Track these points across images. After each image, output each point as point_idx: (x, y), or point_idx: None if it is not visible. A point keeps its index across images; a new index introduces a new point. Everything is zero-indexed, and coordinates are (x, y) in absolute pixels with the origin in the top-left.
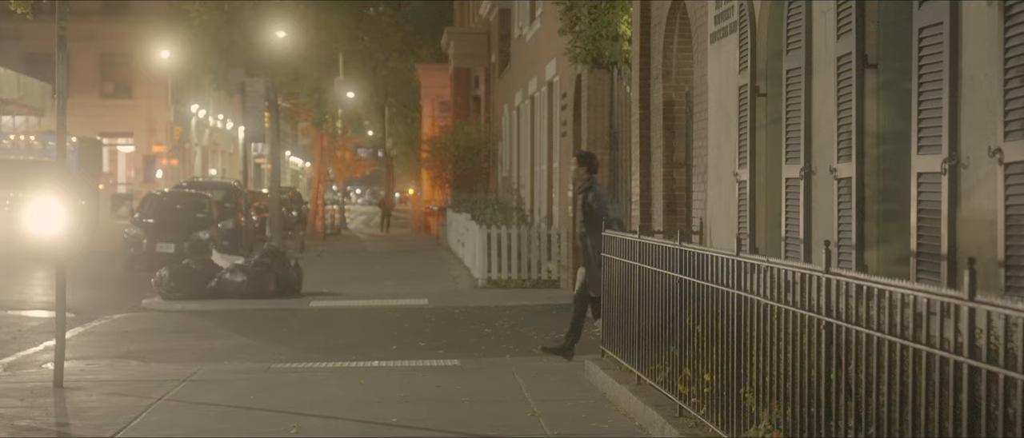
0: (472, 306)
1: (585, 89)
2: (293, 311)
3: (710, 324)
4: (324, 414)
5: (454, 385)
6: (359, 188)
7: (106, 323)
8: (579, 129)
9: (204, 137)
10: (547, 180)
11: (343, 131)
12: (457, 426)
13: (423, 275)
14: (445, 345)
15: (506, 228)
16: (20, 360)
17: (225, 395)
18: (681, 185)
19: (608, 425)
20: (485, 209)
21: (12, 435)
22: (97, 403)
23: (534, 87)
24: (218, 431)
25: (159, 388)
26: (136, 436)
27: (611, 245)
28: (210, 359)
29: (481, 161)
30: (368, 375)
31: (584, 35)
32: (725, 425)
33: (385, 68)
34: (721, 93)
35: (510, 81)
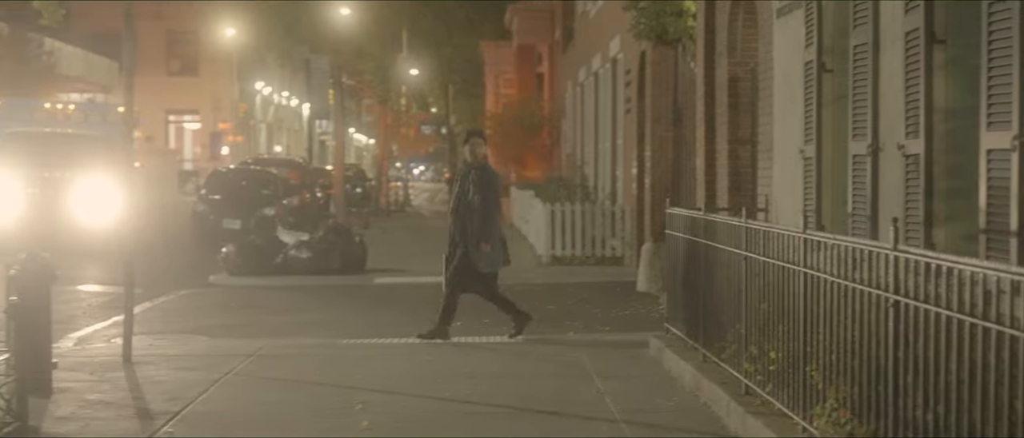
0: (536, 283)
1: (649, 65)
2: (358, 287)
3: (776, 301)
4: (388, 390)
5: (518, 362)
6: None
7: (173, 299)
8: (643, 106)
9: (269, 114)
10: (611, 157)
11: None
12: (521, 403)
13: None
14: (509, 321)
15: (570, 205)
16: (89, 335)
17: (291, 370)
18: (746, 162)
19: (673, 403)
20: (549, 186)
21: (82, 408)
22: (165, 377)
23: (598, 64)
24: (285, 405)
25: (226, 363)
26: (204, 410)
27: (676, 222)
28: (276, 334)
29: (544, 138)
30: (432, 351)
31: (648, 11)
32: (791, 403)
33: (449, 45)
34: (787, 69)
35: (574, 58)
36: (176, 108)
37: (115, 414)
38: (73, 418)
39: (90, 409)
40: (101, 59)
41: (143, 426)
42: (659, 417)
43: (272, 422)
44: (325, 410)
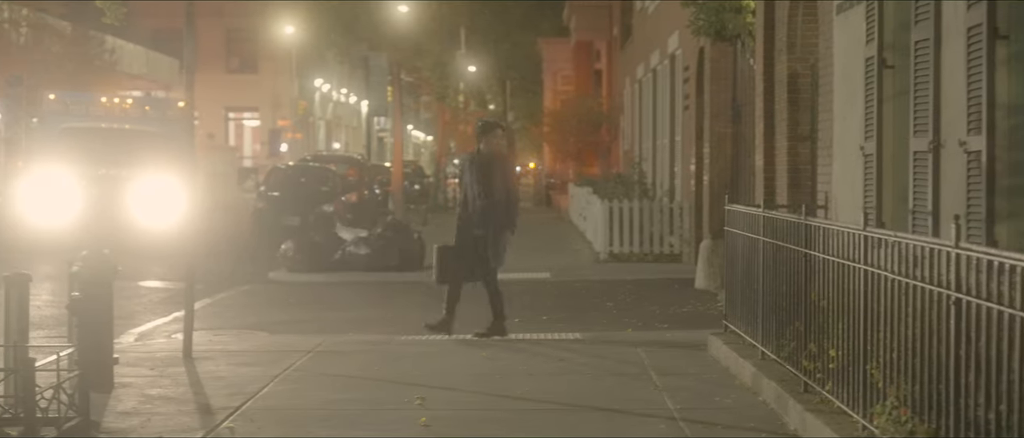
0: (594, 280)
1: (708, 62)
2: (416, 284)
3: (836, 299)
4: (447, 386)
5: (576, 359)
6: None
7: (233, 295)
8: (702, 102)
9: (328, 111)
10: (669, 154)
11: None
12: (579, 400)
13: (544, 249)
14: (567, 319)
15: (628, 202)
16: (150, 330)
17: (350, 366)
18: (805, 159)
19: (731, 400)
20: (607, 183)
21: (143, 404)
22: (225, 373)
23: (656, 60)
24: (344, 401)
25: (285, 359)
26: (263, 406)
27: (735, 219)
28: (335, 330)
29: (602, 134)
30: (491, 348)
31: (707, 7)
32: (851, 401)
33: (506, 42)
34: (847, 65)
35: (632, 54)
36: (236, 105)
37: (176, 409)
38: (134, 413)
39: (151, 404)
40: (162, 57)
41: (203, 421)
42: (718, 415)
43: (331, 417)
44: (384, 406)
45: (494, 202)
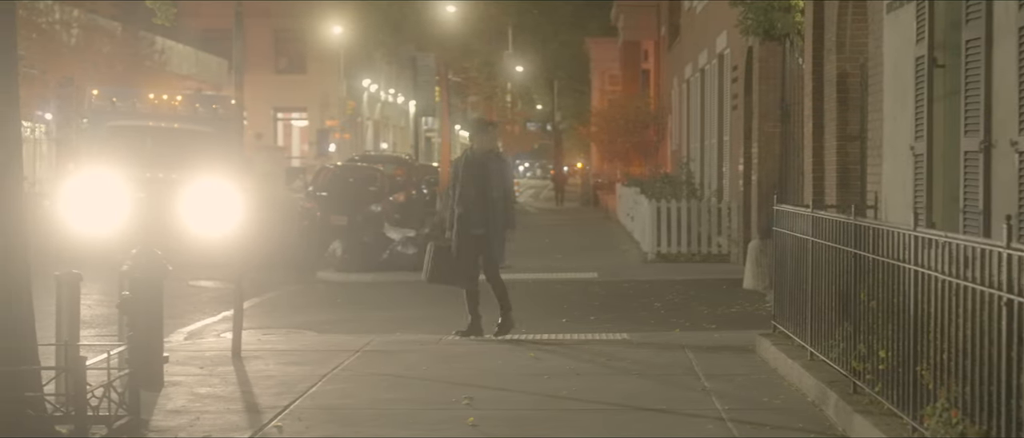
0: (641, 280)
1: (756, 61)
2: None
3: (885, 300)
4: (495, 386)
5: (624, 359)
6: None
7: (281, 294)
8: (750, 102)
9: (376, 111)
10: (717, 153)
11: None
12: (627, 400)
13: (592, 248)
14: (614, 319)
15: (675, 202)
16: (199, 329)
17: (398, 365)
18: (855, 158)
19: (780, 401)
20: (654, 183)
21: (193, 402)
22: (274, 372)
23: (704, 60)
24: (392, 401)
25: (334, 358)
26: (312, 405)
27: (783, 219)
28: (383, 330)
29: (650, 134)
30: (538, 348)
31: (756, 6)
32: (901, 403)
33: (554, 41)
34: (897, 65)
35: (680, 54)
36: (284, 105)
37: (225, 408)
38: (183, 411)
39: (200, 402)
40: (210, 57)
41: (252, 420)
42: (766, 416)
43: (379, 417)
44: (432, 405)
45: (492, 201)
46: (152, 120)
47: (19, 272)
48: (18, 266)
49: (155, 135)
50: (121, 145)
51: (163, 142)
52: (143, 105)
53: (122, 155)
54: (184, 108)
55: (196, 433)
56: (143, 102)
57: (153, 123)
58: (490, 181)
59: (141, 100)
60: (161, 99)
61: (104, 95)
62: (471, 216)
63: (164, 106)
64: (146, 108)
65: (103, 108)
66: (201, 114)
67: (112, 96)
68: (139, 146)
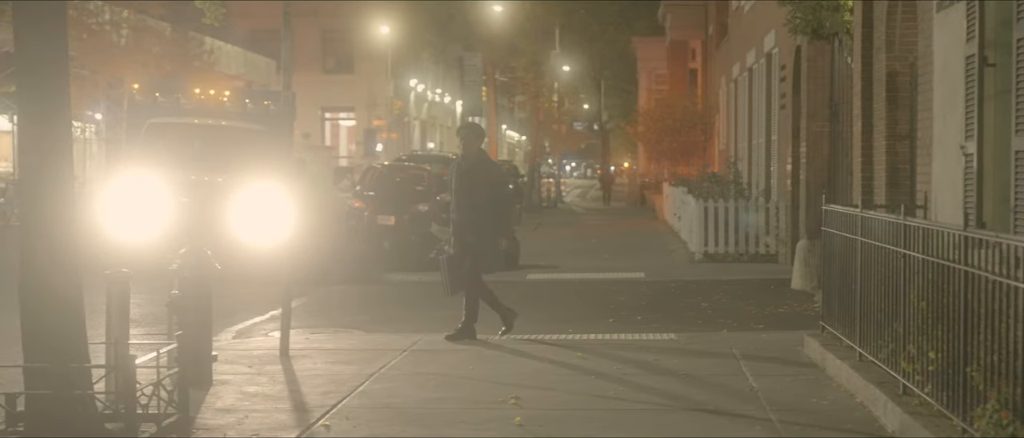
0: (688, 280)
1: (804, 60)
2: (510, 283)
3: (935, 300)
4: (542, 386)
5: (671, 359)
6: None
7: (329, 293)
8: (798, 101)
9: (423, 111)
10: (765, 153)
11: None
12: (674, 400)
13: (639, 248)
14: (661, 319)
15: (723, 201)
16: (247, 328)
17: (445, 365)
18: (904, 158)
19: (828, 402)
20: (702, 182)
21: (241, 400)
22: (321, 371)
23: (752, 59)
24: (439, 400)
25: (381, 357)
26: (359, 404)
27: (832, 219)
28: (430, 329)
29: (697, 134)
30: (585, 348)
31: (804, 6)
32: (951, 404)
33: (601, 41)
34: (947, 63)
35: (727, 53)
36: (331, 105)
37: (272, 406)
38: (232, 410)
39: (248, 401)
40: (259, 57)
41: (300, 419)
42: (814, 416)
43: (426, 416)
44: (478, 404)
45: (477, 207)
46: (198, 117)
47: (69, 271)
48: (68, 265)
49: (200, 133)
50: (163, 144)
51: (209, 141)
52: (188, 101)
53: (164, 155)
54: (233, 104)
55: (244, 431)
56: (188, 97)
57: (199, 120)
58: (476, 187)
59: (186, 95)
60: (208, 94)
61: (146, 90)
62: (462, 223)
63: (211, 102)
64: (191, 104)
65: (144, 104)
66: (251, 111)
67: (155, 91)
68: (183, 145)
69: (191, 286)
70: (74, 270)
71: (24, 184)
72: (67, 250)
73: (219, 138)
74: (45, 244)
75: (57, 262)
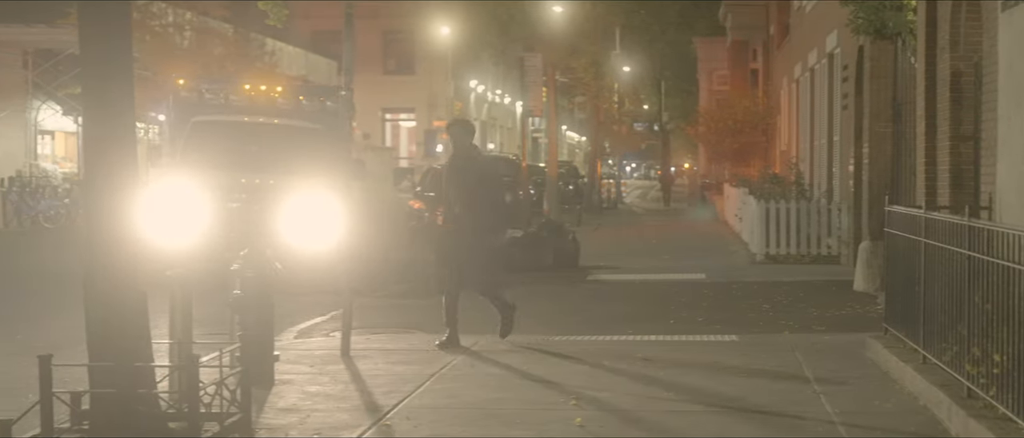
0: (749, 281)
1: (867, 61)
2: (570, 284)
3: (1000, 303)
4: (602, 387)
5: (732, 361)
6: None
7: (390, 294)
8: (861, 102)
9: (483, 112)
10: (827, 154)
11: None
12: (735, 402)
13: (699, 249)
14: (722, 320)
15: (784, 202)
16: (308, 328)
17: (505, 366)
18: (968, 159)
19: (891, 404)
20: (763, 183)
21: (303, 400)
22: (382, 371)
23: (814, 59)
24: (498, 401)
25: (442, 357)
26: (420, 404)
27: (895, 220)
28: (490, 330)
29: (758, 134)
30: (645, 349)
31: (867, 5)
32: (1016, 407)
33: (661, 41)
34: (1012, 63)
35: (789, 53)
36: (392, 106)
37: (334, 406)
38: (294, 410)
39: (310, 401)
40: (320, 59)
41: (361, 419)
42: (877, 419)
43: (487, 416)
44: (539, 406)
45: (472, 207)
46: (247, 114)
47: (133, 271)
48: (132, 265)
49: (250, 132)
50: (209, 144)
51: (260, 140)
52: (238, 97)
53: (209, 156)
54: (286, 101)
55: (306, 431)
56: (238, 93)
57: (249, 118)
58: (468, 186)
59: (236, 91)
60: (259, 90)
61: (193, 85)
62: (461, 222)
63: (262, 98)
64: (241, 101)
65: (190, 101)
66: (306, 109)
67: (203, 86)
68: (230, 146)
69: (253, 286)
70: (138, 270)
71: (89, 185)
72: (131, 250)
73: (270, 137)
74: (109, 244)
75: (121, 262)
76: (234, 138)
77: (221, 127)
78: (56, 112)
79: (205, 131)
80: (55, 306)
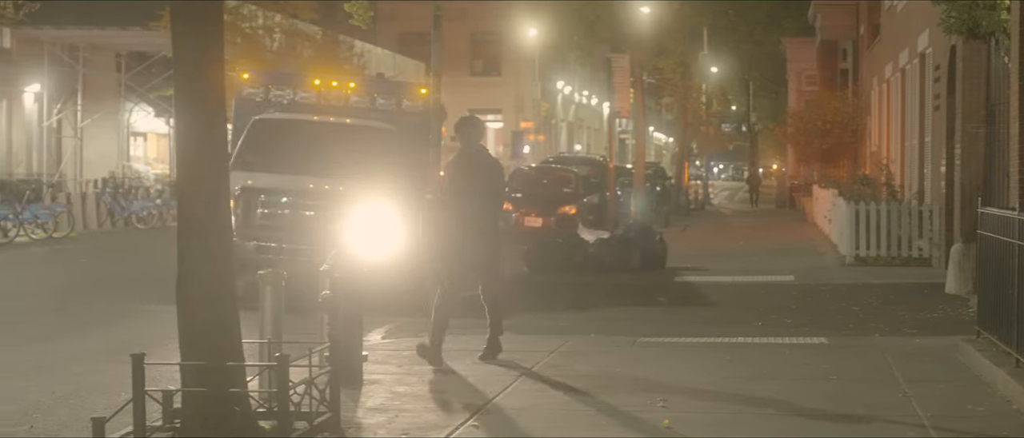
0: (839, 283)
1: (960, 60)
2: (658, 285)
3: None
4: (690, 389)
5: (822, 363)
6: (721, 163)
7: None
8: (953, 102)
9: (569, 113)
10: (918, 155)
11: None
12: (825, 405)
13: (788, 251)
14: (811, 322)
15: (874, 204)
16: (396, 328)
17: (592, 366)
18: None
19: (984, 408)
20: (853, 185)
21: (391, 400)
22: (469, 371)
23: (905, 59)
24: (586, 401)
25: (528, 358)
26: (508, 404)
27: (988, 222)
28: (577, 331)
29: (848, 135)
30: (733, 351)
31: (959, 5)
32: None
33: (749, 42)
34: None
35: (879, 53)
36: (479, 107)
37: (422, 406)
38: (382, 409)
39: (398, 401)
40: (408, 60)
41: (449, 419)
42: (970, 423)
43: (574, 417)
44: (626, 406)
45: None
46: (316, 113)
47: (224, 271)
48: (223, 266)
49: (316, 133)
50: (268, 146)
51: (326, 142)
52: (306, 93)
53: (267, 159)
54: (360, 98)
55: (394, 431)
56: (306, 89)
57: (320, 118)
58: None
59: (304, 87)
60: (330, 85)
61: (258, 80)
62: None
63: (333, 95)
64: (309, 98)
65: (254, 97)
66: (381, 107)
67: (268, 81)
68: (293, 147)
69: (342, 287)
70: (229, 270)
71: (180, 185)
72: (222, 250)
73: (338, 139)
74: (201, 244)
75: (213, 261)
76: (297, 139)
77: (284, 126)
78: (148, 114)
79: (266, 131)
80: (148, 306)
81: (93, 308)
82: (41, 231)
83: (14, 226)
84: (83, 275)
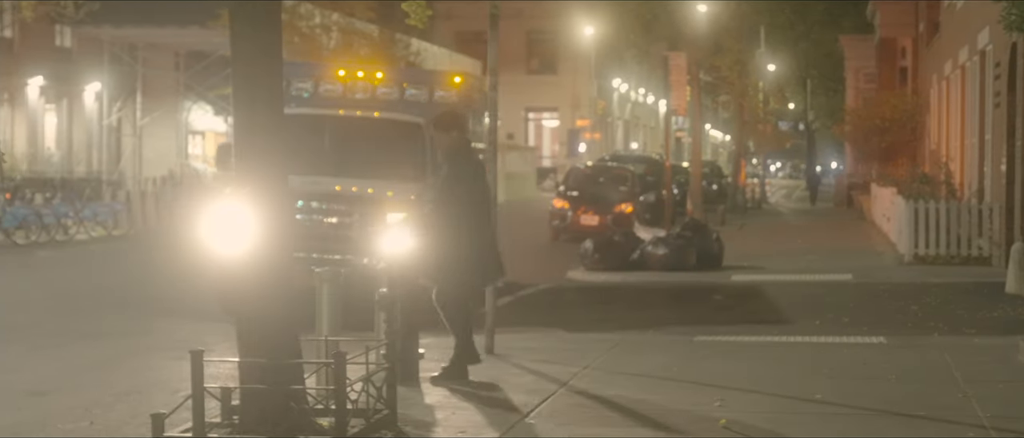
0: (897, 282)
1: (1020, 58)
2: (714, 284)
3: None
4: (747, 387)
5: (880, 363)
6: (779, 161)
7: (533, 293)
8: (1014, 100)
9: (626, 111)
10: (978, 153)
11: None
12: (884, 404)
13: (846, 250)
14: (870, 321)
15: (934, 203)
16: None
17: (648, 365)
18: None
19: None
20: (912, 183)
21: (447, 398)
22: (525, 369)
23: (965, 56)
24: (641, 400)
25: (584, 357)
26: (562, 403)
27: None
28: (632, 329)
29: (907, 133)
30: (791, 350)
31: (1020, 3)
32: None
33: (806, 40)
34: None
35: (938, 51)
36: (535, 106)
37: (478, 404)
38: (438, 407)
39: (454, 398)
40: (464, 58)
41: (504, 417)
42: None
43: (630, 416)
44: (682, 405)
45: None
46: (342, 107)
47: (282, 269)
48: (281, 262)
49: (345, 128)
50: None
51: (351, 138)
52: (330, 85)
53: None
54: (388, 88)
55: (450, 429)
56: (329, 80)
57: (345, 112)
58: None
59: (327, 78)
60: (355, 77)
61: None
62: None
63: (358, 87)
64: (333, 90)
65: None
66: (411, 98)
67: (288, 74)
68: (311, 145)
69: (398, 285)
70: (286, 267)
71: (239, 183)
72: (280, 247)
73: (360, 134)
74: (259, 241)
75: (271, 259)
76: (317, 136)
77: (303, 122)
78: (207, 112)
79: (296, 127)
80: (207, 303)
81: (151, 306)
82: (101, 229)
83: (74, 223)
84: (142, 272)
